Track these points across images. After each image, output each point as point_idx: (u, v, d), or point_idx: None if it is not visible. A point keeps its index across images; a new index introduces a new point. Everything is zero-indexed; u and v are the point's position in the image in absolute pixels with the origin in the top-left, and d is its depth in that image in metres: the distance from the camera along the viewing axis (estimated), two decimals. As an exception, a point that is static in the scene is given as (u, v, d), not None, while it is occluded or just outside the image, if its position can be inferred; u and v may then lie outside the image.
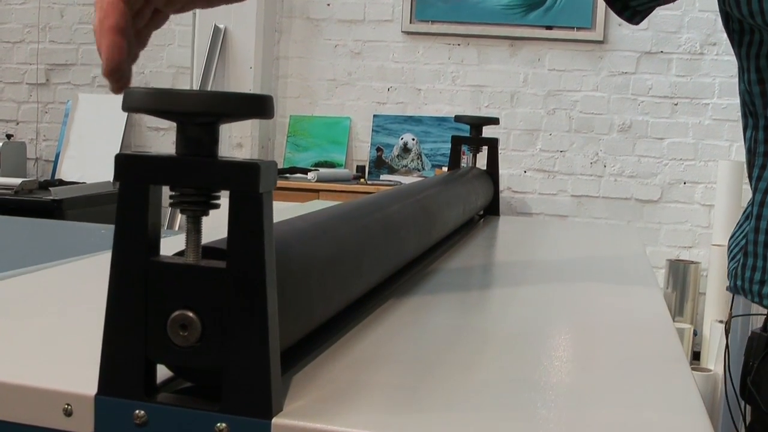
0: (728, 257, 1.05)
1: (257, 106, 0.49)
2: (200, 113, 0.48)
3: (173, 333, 0.50)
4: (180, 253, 0.52)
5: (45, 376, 0.54)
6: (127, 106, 0.50)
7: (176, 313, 0.50)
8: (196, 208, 0.50)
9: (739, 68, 1.00)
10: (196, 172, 0.49)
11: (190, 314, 0.49)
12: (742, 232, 1.02)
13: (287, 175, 4.07)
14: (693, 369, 3.34)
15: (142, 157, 0.49)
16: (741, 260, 1.00)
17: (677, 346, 0.74)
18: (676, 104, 4.02)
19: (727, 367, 2.97)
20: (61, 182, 4.06)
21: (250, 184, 0.48)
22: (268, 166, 0.49)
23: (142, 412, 0.50)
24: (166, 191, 0.51)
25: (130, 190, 0.49)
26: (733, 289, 1.02)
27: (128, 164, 0.49)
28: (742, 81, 1.00)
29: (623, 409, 0.56)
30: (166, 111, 0.48)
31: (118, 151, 4.34)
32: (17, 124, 4.74)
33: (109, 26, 0.61)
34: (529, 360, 0.67)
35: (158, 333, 0.50)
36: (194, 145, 0.49)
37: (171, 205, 0.51)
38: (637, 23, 1.07)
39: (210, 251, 0.53)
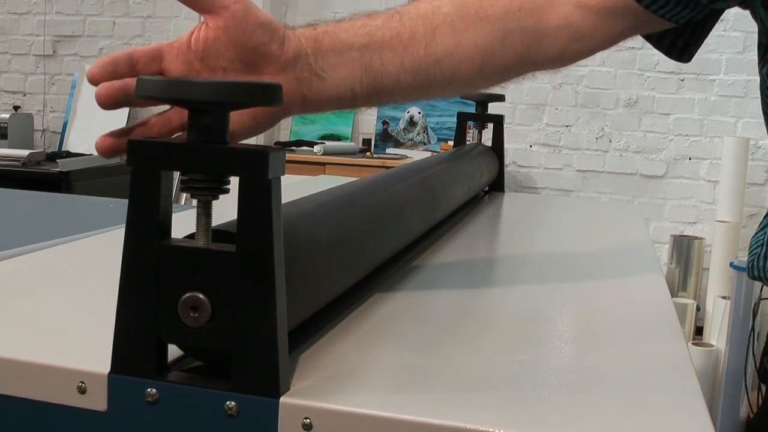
0: (748, 253, 1.05)
1: (267, 95, 0.51)
2: (211, 102, 0.49)
3: (184, 314, 0.51)
4: (191, 236, 0.54)
5: (60, 355, 0.56)
6: (140, 94, 0.51)
7: (187, 294, 0.51)
8: (207, 193, 0.52)
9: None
10: (207, 158, 0.50)
11: (201, 296, 0.51)
12: (762, 230, 1.02)
13: (293, 148, 4.07)
14: (696, 344, 3.36)
15: (155, 144, 0.51)
16: (758, 252, 1.01)
17: (677, 327, 0.76)
18: (682, 80, 4.02)
19: (752, 347, 2.97)
20: (69, 154, 4.07)
21: (259, 171, 0.49)
22: (277, 154, 0.50)
23: (154, 390, 0.52)
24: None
25: (143, 176, 0.51)
26: (754, 278, 1.03)
27: (141, 150, 0.51)
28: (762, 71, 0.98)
29: (622, 392, 0.57)
30: (178, 99, 0.50)
31: (125, 122, 4.35)
32: (24, 95, 4.75)
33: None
34: (532, 341, 0.69)
35: (170, 314, 0.51)
36: (205, 132, 0.51)
37: (182, 189, 0.53)
38: (686, 61, 1.02)
39: (220, 234, 0.54)
